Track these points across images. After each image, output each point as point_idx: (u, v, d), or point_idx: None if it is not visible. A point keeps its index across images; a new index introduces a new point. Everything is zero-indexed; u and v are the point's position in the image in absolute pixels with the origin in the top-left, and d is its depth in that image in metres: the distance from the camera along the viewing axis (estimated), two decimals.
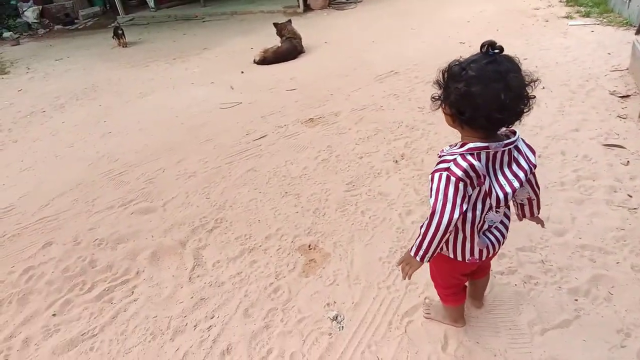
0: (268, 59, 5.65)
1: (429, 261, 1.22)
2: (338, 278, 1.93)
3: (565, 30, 5.51)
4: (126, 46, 7.76)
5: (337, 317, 1.72)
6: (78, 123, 4.35)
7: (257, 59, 5.73)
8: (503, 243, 1.33)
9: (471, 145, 1.09)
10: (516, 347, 1.52)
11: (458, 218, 1.10)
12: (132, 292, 2.03)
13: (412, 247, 1.23)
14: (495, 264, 1.83)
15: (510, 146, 1.11)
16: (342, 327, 1.68)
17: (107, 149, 3.63)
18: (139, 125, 4.07)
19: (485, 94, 1.01)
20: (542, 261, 1.88)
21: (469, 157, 1.08)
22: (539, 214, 1.40)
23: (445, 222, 1.11)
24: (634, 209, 2.13)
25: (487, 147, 1.08)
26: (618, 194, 2.26)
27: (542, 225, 1.45)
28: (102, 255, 2.30)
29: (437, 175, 1.11)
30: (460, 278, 1.44)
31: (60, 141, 3.94)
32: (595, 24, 5.68)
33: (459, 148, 1.11)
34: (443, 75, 1.12)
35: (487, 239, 1.27)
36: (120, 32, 7.74)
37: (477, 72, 1.02)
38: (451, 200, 1.09)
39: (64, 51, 8.04)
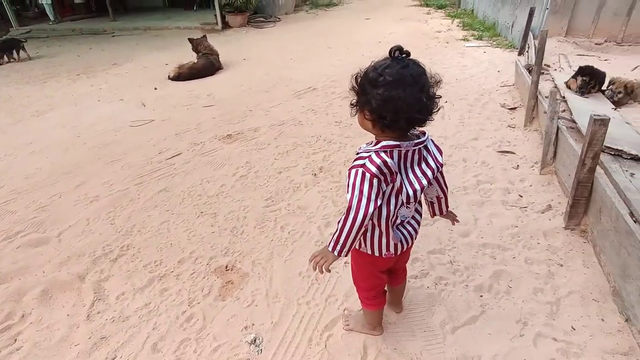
0: (183, 74, 5.44)
1: (345, 255, 1.23)
2: (257, 298, 1.84)
3: (463, 51, 6.12)
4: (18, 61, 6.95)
5: (255, 340, 1.63)
6: None
7: (172, 74, 5.49)
8: (415, 238, 1.38)
9: (385, 143, 1.12)
10: (430, 348, 1.57)
11: (373, 212, 1.13)
12: (15, 339, 1.73)
13: (329, 242, 1.23)
14: (409, 268, 1.88)
15: (420, 145, 1.17)
16: (261, 350, 1.60)
17: None
18: (32, 147, 3.61)
19: (405, 97, 1.04)
20: (450, 262, 1.99)
21: (383, 155, 1.12)
22: (447, 211, 1.47)
23: (361, 217, 1.13)
24: (525, 207, 2.37)
25: (399, 146, 1.12)
26: (511, 195, 2.50)
27: (455, 219, 1.51)
28: None
29: (353, 171, 1.13)
30: (380, 276, 1.46)
31: None
32: (487, 45, 6.41)
33: (373, 146, 1.15)
34: (356, 80, 1.14)
35: (400, 234, 1.31)
36: (23, 42, 6.92)
37: (395, 76, 1.04)
38: (366, 196, 1.12)
39: None
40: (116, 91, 5.16)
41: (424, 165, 1.21)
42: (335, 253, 1.22)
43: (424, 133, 1.20)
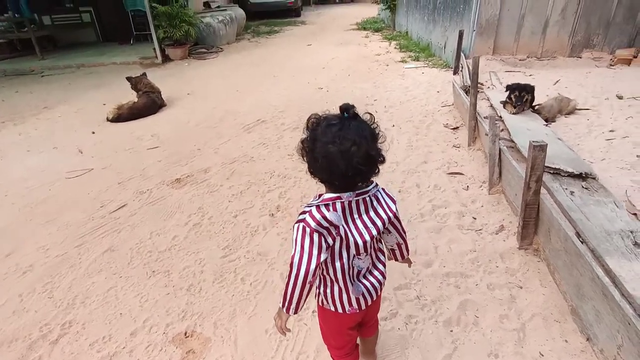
0: (123, 115, 5.16)
1: (295, 312, 1.21)
2: None
3: (403, 73, 6.40)
4: None
5: None
6: None
7: (111, 116, 5.19)
8: (381, 289, 1.35)
9: (325, 196, 1.14)
10: None
11: (316, 268, 1.13)
12: None
13: (280, 300, 1.22)
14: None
15: (364, 196, 1.17)
16: None
17: None
18: None
19: (337, 164, 1.06)
20: (417, 297, 1.98)
21: (323, 209, 1.12)
22: (408, 255, 1.47)
23: (303, 273, 1.13)
24: (479, 230, 2.44)
25: (339, 197, 1.13)
26: (465, 217, 2.58)
27: (410, 264, 1.53)
28: None
29: (296, 226, 1.14)
30: (349, 333, 1.41)
31: None
32: (424, 66, 6.75)
33: (316, 199, 1.16)
34: (302, 143, 1.15)
35: (362, 287, 1.28)
36: None
37: (330, 143, 1.06)
38: (307, 252, 1.12)
39: None
40: (48, 138, 4.78)
41: (372, 215, 1.20)
42: (285, 310, 1.21)
43: (371, 182, 1.20)
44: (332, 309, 1.30)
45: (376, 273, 1.32)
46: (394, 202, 1.25)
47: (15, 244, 2.70)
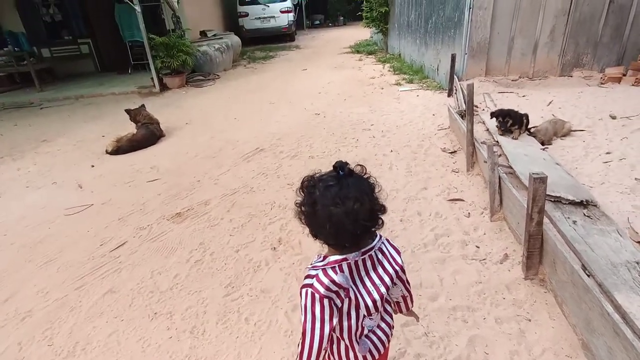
0: (123, 147, 5.19)
1: None
2: None
3: (398, 96, 6.48)
4: None
5: None
6: None
7: (110, 149, 5.21)
8: (388, 342, 1.32)
9: (331, 258, 1.11)
10: None
11: (329, 333, 1.10)
12: None
13: None
14: None
15: (370, 252, 1.14)
16: None
17: None
18: None
19: (345, 225, 1.03)
20: (425, 334, 1.95)
21: (330, 272, 1.09)
22: (412, 307, 1.44)
23: (317, 341, 1.09)
24: (484, 259, 2.42)
25: (345, 259, 1.10)
26: (469, 247, 2.56)
27: (417, 319, 1.51)
28: None
29: (304, 291, 1.11)
30: None
31: None
32: (418, 88, 6.85)
33: (321, 261, 1.13)
34: (300, 206, 1.12)
35: (368, 344, 1.25)
36: None
37: (331, 205, 1.03)
38: (319, 318, 1.09)
39: None
40: (47, 173, 4.78)
41: (380, 270, 1.18)
42: None
43: (375, 235, 1.19)
44: None
45: (383, 325, 1.30)
46: (398, 253, 1.23)
47: (14, 287, 2.66)
